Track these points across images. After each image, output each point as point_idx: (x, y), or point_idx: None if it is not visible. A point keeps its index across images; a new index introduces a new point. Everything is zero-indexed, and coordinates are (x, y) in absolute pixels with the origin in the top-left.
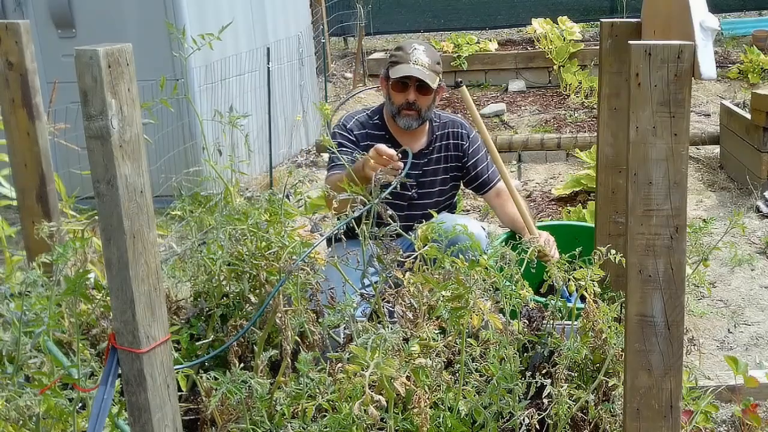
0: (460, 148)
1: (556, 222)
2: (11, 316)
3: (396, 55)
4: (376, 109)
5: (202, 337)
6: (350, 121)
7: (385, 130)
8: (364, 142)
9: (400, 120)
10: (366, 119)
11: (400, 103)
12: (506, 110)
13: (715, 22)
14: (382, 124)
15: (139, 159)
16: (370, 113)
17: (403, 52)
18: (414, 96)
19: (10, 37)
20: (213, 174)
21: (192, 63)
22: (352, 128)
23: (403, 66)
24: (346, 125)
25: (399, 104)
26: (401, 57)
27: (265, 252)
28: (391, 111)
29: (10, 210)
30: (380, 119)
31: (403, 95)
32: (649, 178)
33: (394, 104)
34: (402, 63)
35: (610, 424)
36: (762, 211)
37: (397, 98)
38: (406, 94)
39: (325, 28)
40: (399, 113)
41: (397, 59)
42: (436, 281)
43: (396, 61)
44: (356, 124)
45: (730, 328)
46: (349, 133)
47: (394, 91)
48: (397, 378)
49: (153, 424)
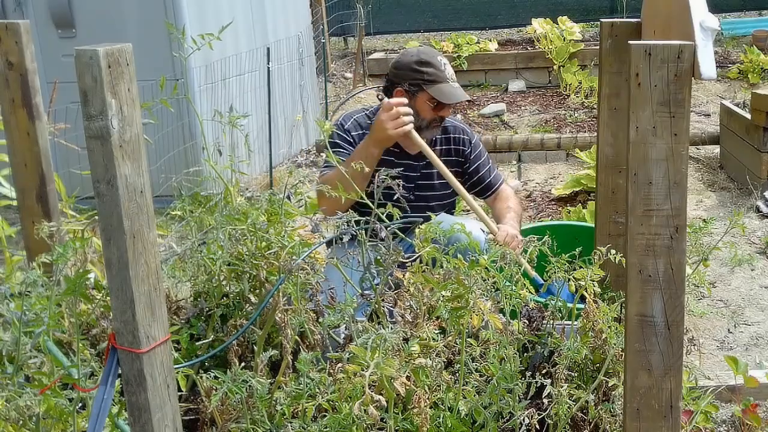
0: (461, 153)
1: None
2: (11, 316)
3: (428, 72)
4: (375, 109)
5: (202, 337)
6: (348, 121)
7: None
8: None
9: (426, 133)
10: (364, 120)
11: (431, 118)
12: (506, 110)
13: (715, 22)
14: None
15: (139, 159)
16: (369, 114)
17: (435, 69)
18: (448, 113)
19: (10, 37)
20: (213, 174)
21: (192, 63)
22: (350, 129)
23: (445, 87)
24: (343, 125)
25: (430, 119)
26: (437, 75)
27: (265, 252)
28: (415, 124)
29: (10, 210)
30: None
31: (437, 112)
32: (649, 178)
33: (425, 119)
34: (441, 82)
35: (610, 424)
36: (762, 211)
37: (429, 114)
38: (442, 111)
39: (325, 28)
40: (428, 126)
41: (433, 77)
42: (436, 281)
43: (432, 80)
44: (353, 125)
45: (730, 328)
46: (347, 134)
47: (430, 108)
48: (397, 378)
49: (153, 424)
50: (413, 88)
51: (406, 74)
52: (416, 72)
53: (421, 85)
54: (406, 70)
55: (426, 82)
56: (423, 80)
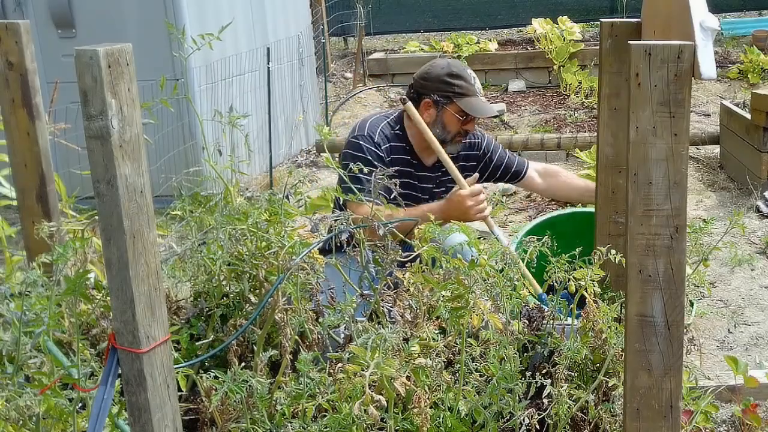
0: (474, 157)
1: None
2: (11, 316)
3: (459, 85)
4: (396, 117)
5: (202, 337)
6: (375, 132)
7: (406, 141)
8: (389, 156)
9: (451, 146)
10: (389, 129)
11: (456, 131)
12: (506, 110)
13: (715, 22)
14: (404, 134)
15: (139, 159)
16: (392, 122)
17: (466, 82)
18: (473, 127)
19: (10, 37)
20: (213, 174)
21: (192, 63)
22: (380, 143)
23: (475, 100)
24: (372, 138)
25: (455, 132)
26: (467, 89)
27: (265, 252)
28: (440, 137)
29: (10, 210)
30: (401, 129)
31: (464, 126)
32: (649, 178)
33: (450, 132)
34: (470, 96)
35: (610, 424)
36: (762, 211)
37: (455, 127)
38: (468, 125)
39: (325, 28)
40: (452, 140)
41: (464, 90)
42: (436, 281)
43: (463, 93)
44: (381, 137)
45: (730, 328)
46: (377, 148)
47: (457, 120)
48: (397, 378)
49: (153, 424)
50: (443, 100)
51: (437, 86)
52: (447, 84)
53: (452, 97)
54: (436, 82)
55: (456, 95)
56: (453, 93)
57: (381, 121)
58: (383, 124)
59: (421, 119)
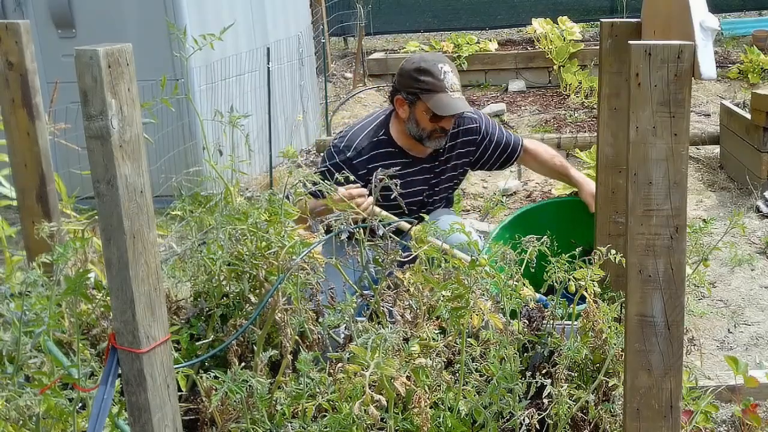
0: (473, 143)
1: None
2: (11, 316)
3: (425, 82)
4: (381, 122)
5: (202, 337)
6: (351, 146)
7: (392, 145)
8: (372, 164)
9: (429, 142)
10: (369, 139)
11: (431, 129)
12: (506, 110)
13: (715, 22)
14: (389, 138)
15: (139, 159)
16: (375, 128)
17: (434, 78)
18: (450, 124)
19: (10, 37)
20: (213, 174)
21: (192, 63)
22: (353, 156)
23: (444, 97)
24: (345, 152)
25: (430, 129)
26: (434, 84)
27: (265, 252)
28: (416, 134)
29: (10, 210)
30: (386, 134)
31: (437, 123)
32: (649, 178)
33: (425, 129)
34: (439, 92)
35: (610, 424)
36: (762, 211)
37: (428, 125)
38: (443, 123)
39: (325, 28)
40: (429, 137)
41: (430, 86)
42: (436, 281)
43: (429, 89)
44: (358, 151)
45: (730, 328)
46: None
47: (427, 119)
48: (397, 378)
49: (153, 424)
50: (411, 97)
51: (406, 82)
52: (414, 80)
53: (418, 94)
54: (407, 78)
55: (423, 92)
56: (420, 89)
57: (362, 132)
58: (363, 135)
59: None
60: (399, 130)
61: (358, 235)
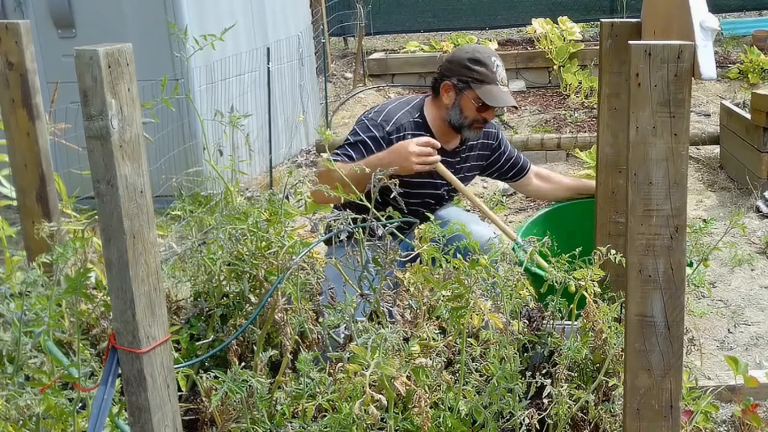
0: (489, 147)
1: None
2: (11, 316)
3: (478, 71)
4: (416, 104)
5: (202, 337)
6: (390, 121)
7: (426, 128)
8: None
9: (469, 132)
10: (408, 117)
11: (474, 118)
12: (506, 110)
13: (715, 22)
14: (424, 122)
15: (139, 159)
16: (411, 109)
17: (487, 69)
18: (492, 116)
19: (10, 37)
20: (213, 174)
21: (192, 63)
22: (391, 131)
23: (494, 89)
24: (384, 127)
25: (472, 118)
26: (487, 76)
27: (265, 252)
28: (458, 121)
29: (10, 210)
30: (421, 117)
31: (481, 113)
32: (649, 178)
33: (467, 118)
34: (490, 83)
35: (610, 424)
36: (762, 211)
37: (473, 114)
38: (486, 113)
39: (325, 28)
40: (470, 126)
41: (483, 77)
42: (436, 281)
43: (481, 79)
44: (396, 127)
45: (730, 328)
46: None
47: (474, 108)
48: (397, 378)
49: (153, 424)
50: (461, 84)
51: (458, 70)
52: (467, 69)
53: (470, 83)
54: (458, 66)
55: (475, 81)
56: (473, 79)
57: (399, 110)
58: (401, 113)
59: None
60: (435, 116)
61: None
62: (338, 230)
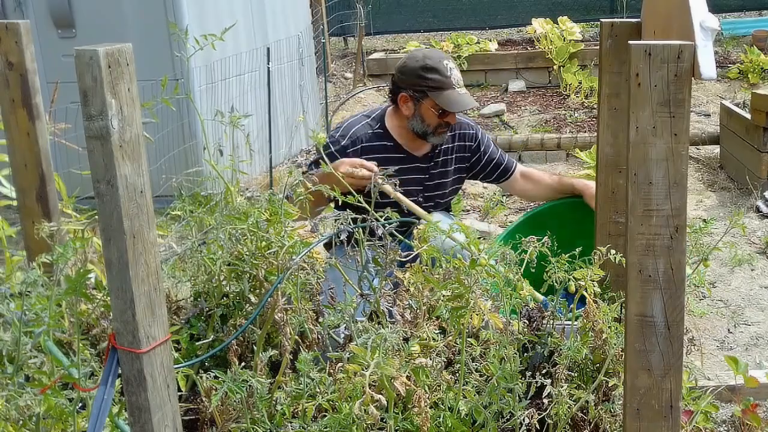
0: (468, 149)
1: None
2: (11, 316)
3: (432, 79)
4: (377, 116)
5: (202, 337)
6: (347, 135)
7: (389, 139)
8: (366, 154)
9: (433, 138)
10: (366, 129)
11: (437, 124)
12: (506, 110)
13: (715, 22)
14: (385, 132)
15: (139, 159)
16: (371, 121)
17: (441, 75)
18: (455, 118)
19: (10, 37)
20: (213, 174)
21: (192, 63)
22: (347, 145)
23: (452, 94)
24: (340, 141)
25: (435, 125)
26: (442, 82)
27: (265, 252)
28: (421, 130)
29: (10, 210)
30: (382, 127)
31: (443, 119)
32: (649, 178)
33: (430, 126)
34: (446, 89)
35: (610, 424)
36: (762, 211)
37: (434, 120)
38: (448, 118)
39: (325, 28)
40: (434, 133)
41: (438, 84)
42: (436, 281)
43: (437, 86)
44: (353, 140)
45: (730, 328)
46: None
47: (434, 115)
48: (397, 378)
49: (153, 424)
50: (417, 94)
51: (412, 80)
52: (421, 78)
53: (426, 92)
54: (411, 76)
55: (431, 89)
56: (428, 87)
57: (357, 123)
58: (359, 126)
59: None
60: (396, 126)
61: (358, 236)
62: (338, 230)
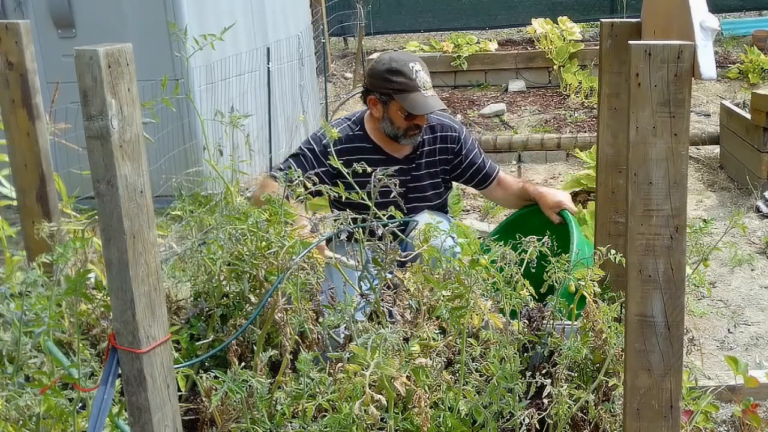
0: (451, 151)
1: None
2: (11, 316)
3: (398, 82)
4: (357, 118)
5: (202, 337)
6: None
7: (368, 141)
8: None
9: (405, 140)
10: (347, 131)
11: (406, 127)
12: (506, 110)
13: (715, 22)
14: (365, 134)
15: (139, 159)
16: (352, 123)
17: (406, 78)
18: (424, 120)
19: (10, 37)
20: (213, 174)
21: (192, 63)
22: (328, 144)
23: (417, 96)
24: (321, 140)
25: (405, 127)
26: (407, 85)
27: (265, 252)
28: (391, 132)
29: (10, 210)
30: (361, 129)
31: (411, 121)
32: (649, 178)
33: (400, 128)
34: (412, 92)
35: (610, 424)
36: (762, 211)
37: (403, 123)
38: (417, 120)
39: (325, 28)
40: (405, 135)
41: (403, 87)
42: (436, 281)
43: (402, 89)
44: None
45: (730, 328)
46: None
47: (401, 118)
48: (397, 378)
49: (153, 424)
50: (384, 97)
51: (379, 83)
52: (387, 81)
53: (392, 94)
54: (378, 79)
55: (397, 92)
56: (394, 90)
57: (340, 125)
58: (341, 127)
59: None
60: (373, 128)
61: (357, 235)
62: (338, 230)
